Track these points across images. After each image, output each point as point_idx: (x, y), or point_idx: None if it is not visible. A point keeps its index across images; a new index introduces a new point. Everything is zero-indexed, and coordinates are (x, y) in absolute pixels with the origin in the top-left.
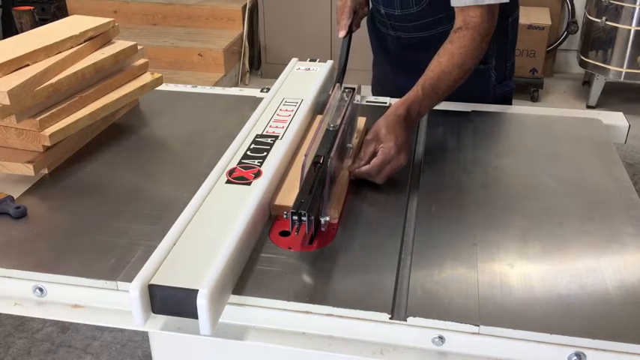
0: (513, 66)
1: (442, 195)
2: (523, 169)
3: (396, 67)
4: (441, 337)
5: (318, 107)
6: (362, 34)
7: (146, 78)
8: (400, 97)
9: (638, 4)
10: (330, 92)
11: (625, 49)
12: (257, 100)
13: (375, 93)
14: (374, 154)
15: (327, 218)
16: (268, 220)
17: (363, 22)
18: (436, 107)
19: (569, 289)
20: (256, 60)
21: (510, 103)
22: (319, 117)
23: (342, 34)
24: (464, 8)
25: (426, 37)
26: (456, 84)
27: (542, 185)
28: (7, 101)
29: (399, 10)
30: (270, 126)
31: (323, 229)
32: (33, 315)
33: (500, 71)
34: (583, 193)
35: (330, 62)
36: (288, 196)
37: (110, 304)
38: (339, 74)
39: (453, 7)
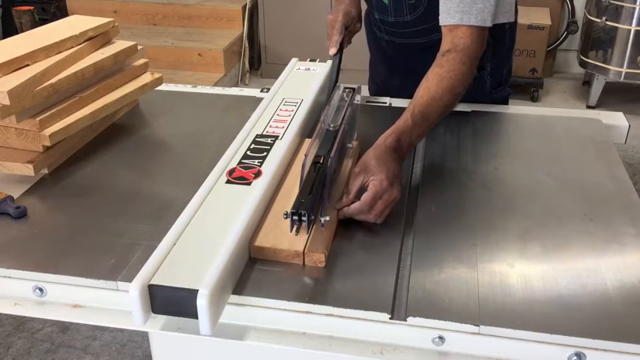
0: (510, 71)
1: (442, 195)
2: (523, 169)
3: (392, 68)
4: (441, 337)
5: (318, 107)
6: (360, 33)
7: (146, 78)
8: (396, 97)
9: (638, 4)
10: (321, 112)
11: (625, 49)
12: (257, 100)
13: (371, 92)
14: (363, 190)
15: (327, 218)
16: None
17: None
18: None
19: (569, 289)
20: (256, 60)
21: None
22: (308, 140)
23: (332, 51)
24: (452, 29)
25: (421, 43)
26: (447, 109)
27: (542, 185)
28: (7, 101)
29: (393, 18)
30: (270, 126)
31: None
32: (33, 315)
33: (496, 77)
34: (583, 193)
35: (330, 62)
36: (269, 237)
37: (110, 304)
38: (329, 92)
39: None
